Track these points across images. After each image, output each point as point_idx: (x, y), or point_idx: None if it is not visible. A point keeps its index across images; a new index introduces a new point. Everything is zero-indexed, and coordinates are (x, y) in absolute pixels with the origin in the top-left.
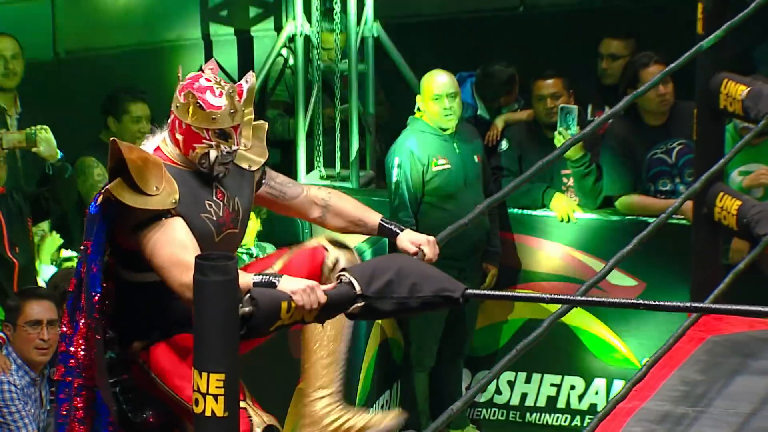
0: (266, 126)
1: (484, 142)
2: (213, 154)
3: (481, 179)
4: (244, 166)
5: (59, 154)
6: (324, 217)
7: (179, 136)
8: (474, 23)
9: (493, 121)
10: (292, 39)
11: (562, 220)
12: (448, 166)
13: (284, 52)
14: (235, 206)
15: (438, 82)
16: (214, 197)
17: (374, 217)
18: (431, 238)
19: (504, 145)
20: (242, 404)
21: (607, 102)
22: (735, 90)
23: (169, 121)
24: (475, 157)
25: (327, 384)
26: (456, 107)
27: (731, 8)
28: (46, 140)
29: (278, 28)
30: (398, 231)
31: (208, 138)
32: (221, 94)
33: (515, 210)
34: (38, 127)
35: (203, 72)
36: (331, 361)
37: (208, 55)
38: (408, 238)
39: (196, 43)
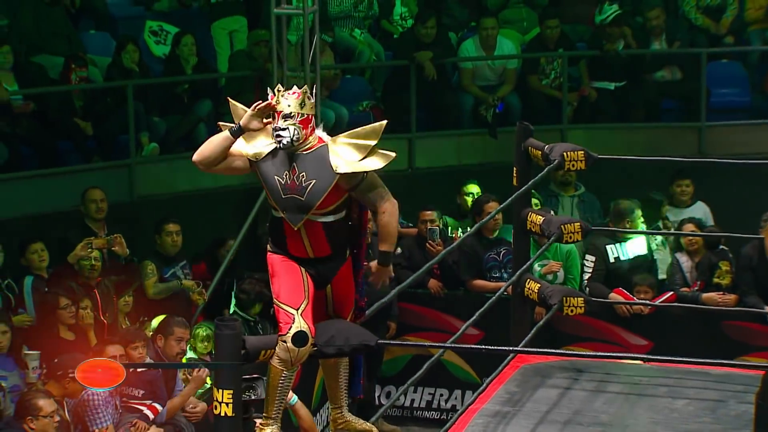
0: (384, 156)
1: None
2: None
3: None
4: (333, 164)
5: (128, 252)
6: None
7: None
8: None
9: None
10: None
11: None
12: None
13: None
14: (302, 182)
15: None
16: (288, 170)
17: (381, 246)
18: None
19: (399, 249)
20: (292, 311)
21: (459, 225)
22: (536, 219)
23: None
24: None
25: (344, 401)
26: None
27: (533, 170)
28: (119, 243)
29: None
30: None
31: (276, 118)
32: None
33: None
34: (114, 235)
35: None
36: (344, 386)
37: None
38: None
39: None
